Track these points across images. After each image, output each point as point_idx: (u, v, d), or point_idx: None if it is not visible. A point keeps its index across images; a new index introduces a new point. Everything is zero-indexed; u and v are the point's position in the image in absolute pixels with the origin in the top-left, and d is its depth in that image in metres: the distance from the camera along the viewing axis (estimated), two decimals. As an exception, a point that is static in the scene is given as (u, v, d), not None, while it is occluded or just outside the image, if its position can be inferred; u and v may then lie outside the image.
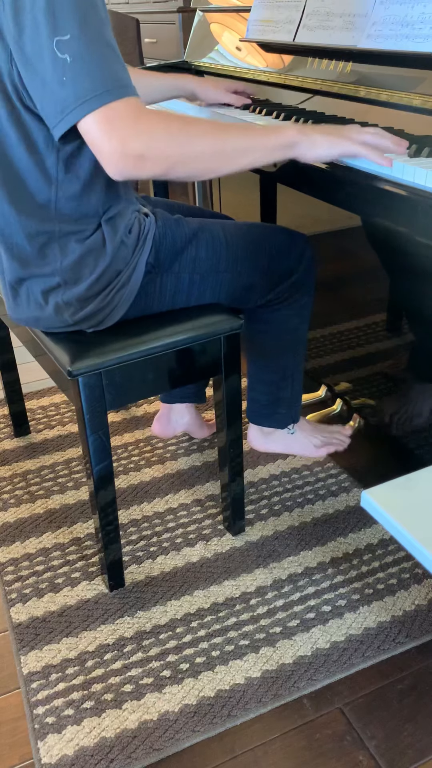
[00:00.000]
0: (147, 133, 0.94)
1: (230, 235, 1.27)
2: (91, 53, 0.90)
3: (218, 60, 1.75)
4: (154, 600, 1.33)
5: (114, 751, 1.07)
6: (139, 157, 0.94)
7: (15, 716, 1.14)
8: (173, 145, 0.96)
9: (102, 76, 0.91)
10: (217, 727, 1.10)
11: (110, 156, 0.94)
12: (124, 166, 0.95)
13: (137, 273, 1.17)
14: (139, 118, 0.93)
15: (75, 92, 0.91)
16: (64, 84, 0.91)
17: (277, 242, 1.31)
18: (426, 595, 1.30)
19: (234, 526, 1.47)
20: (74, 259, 1.12)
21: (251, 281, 1.29)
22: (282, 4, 1.47)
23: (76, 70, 0.90)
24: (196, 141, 0.98)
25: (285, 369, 1.44)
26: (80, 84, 0.90)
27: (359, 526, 1.48)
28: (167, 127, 0.96)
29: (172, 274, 1.23)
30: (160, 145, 0.95)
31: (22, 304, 1.20)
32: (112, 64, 0.92)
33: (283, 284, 1.32)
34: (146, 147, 0.94)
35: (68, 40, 0.89)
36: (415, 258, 1.32)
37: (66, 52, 0.89)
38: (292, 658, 1.20)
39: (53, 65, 0.90)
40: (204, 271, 1.25)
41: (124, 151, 0.93)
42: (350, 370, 1.64)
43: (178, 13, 3.04)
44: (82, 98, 0.91)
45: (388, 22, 1.17)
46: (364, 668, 1.18)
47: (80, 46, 0.90)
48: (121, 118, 0.92)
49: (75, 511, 1.57)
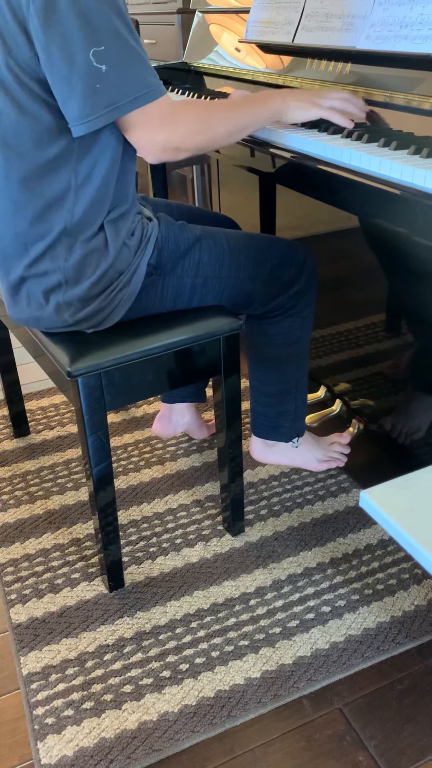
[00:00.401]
0: (182, 128, 1.07)
1: (233, 242, 1.28)
2: (124, 62, 0.99)
3: (217, 61, 1.75)
4: (154, 600, 1.33)
5: (114, 751, 1.07)
6: (176, 150, 1.09)
7: (14, 717, 1.14)
8: (202, 134, 1.11)
9: (133, 83, 1.01)
10: (217, 727, 1.10)
11: (153, 151, 1.08)
12: (162, 156, 1.09)
13: (138, 274, 1.18)
14: (172, 116, 1.06)
15: (107, 99, 1.00)
16: (97, 90, 0.99)
17: (279, 253, 1.31)
18: (425, 595, 1.30)
19: (233, 527, 1.47)
20: (77, 259, 1.13)
21: (253, 289, 1.30)
22: (281, 6, 1.47)
23: (110, 79, 0.99)
24: (217, 126, 1.13)
25: (288, 381, 1.44)
26: (112, 91, 1.00)
27: (359, 526, 1.48)
28: (195, 119, 1.10)
29: (174, 278, 1.23)
30: (192, 136, 1.09)
31: (22, 304, 1.20)
32: (141, 70, 1.01)
33: (285, 294, 1.32)
34: (182, 140, 1.08)
35: (103, 51, 0.97)
36: (413, 259, 1.32)
37: (102, 63, 0.98)
38: (292, 659, 1.20)
39: (88, 73, 0.98)
40: (207, 276, 1.25)
41: (165, 146, 1.08)
42: (350, 370, 1.65)
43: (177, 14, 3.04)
44: (112, 104, 1.00)
45: (386, 24, 1.17)
46: (363, 668, 1.18)
47: (114, 57, 0.98)
48: (157, 118, 1.05)
49: (74, 511, 1.57)
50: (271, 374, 1.43)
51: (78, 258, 1.12)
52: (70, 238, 1.12)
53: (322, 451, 1.58)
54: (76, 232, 1.12)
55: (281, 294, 1.32)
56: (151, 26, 3.30)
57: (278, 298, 1.32)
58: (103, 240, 1.13)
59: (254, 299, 1.31)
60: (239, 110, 1.16)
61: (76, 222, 1.11)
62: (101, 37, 0.97)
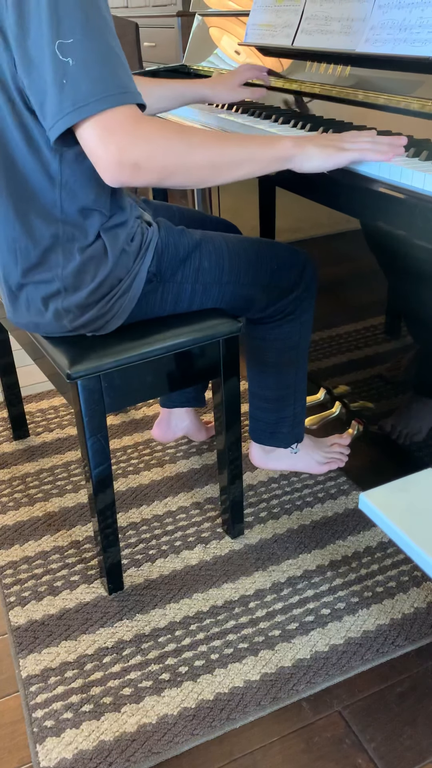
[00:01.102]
0: (145, 142, 0.93)
1: (233, 247, 1.27)
2: (94, 58, 0.90)
3: (217, 64, 1.75)
4: (153, 603, 1.33)
5: (113, 754, 1.07)
6: (135, 166, 0.94)
7: (13, 720, 1.14)
8: (170, 155, 0.96)
9: (103, 81, 0.90)
10: (216, 730, 1.10)
11: (106, 163, 0.94)
12: (120, 174, 0.95)
13: (138, 281, 1.17)
14: (138, 127, 0.93)
15: (74, 96, 0.90)
16: (63, 87, 0.90)
17: (279, 258, 1.31)
18: (425, 598, 1.30)
19: (233, 530, 1.47)
20: (76, 266, 1.11)
21: (253, 294, 1.30)
22: (281, 9, 1.48)
23: (77, 74, 0.89)
24: (193, 151, 0.98)
25: (287, 387, 1.43)
26: (80, 88, 0.90)
27: (358, 529, 1.48)
28: (165, 136, 0.96)
29: (174, 284, 1.23)
30: (157, 155, 0.95)
31: (21, 310, 1.20)
32: (114, 69, 0.91)
33: (285, 299, 1.32)
34: (143, 156, 0.94)
35: (71, 43, 0.88)
36: (413, 261, 1.32)
37: (69, 56, 0.89)
38: (291, 661, 1.20)
39: (54, 67, 0.90)
40: (207, 282, 1.25)
41: (121, 159, 0.93)
42: (349, 373, 1.65)
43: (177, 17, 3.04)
44: (81, 102, 0.90)
45: (386, 27, 1.17)
46: (363, 671, 1.18)
47: (83, 51, 0.89)
48: (119, 125, 0.91)
49: (74, 514, 1.57)
50: (270, 379, 1.43)
51: (76, 265, 1.11)
52: (65, 245, 1.10)
53: (322, 453, 1.58)
54: (71, 238, 1.10)
55: (281, 299, 1.32)
56: (150, 29, 3.31)
57: (278, 303, 1.32)
58: (102, 247, 1.11)
59: (254, 304, 1.31)
60: (232, 142, 1.02)
61: (70, 225, 1.09)
62: (70, 28, 0.88)
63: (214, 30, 1.81)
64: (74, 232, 1.10)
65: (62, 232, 1.09)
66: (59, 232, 1.09)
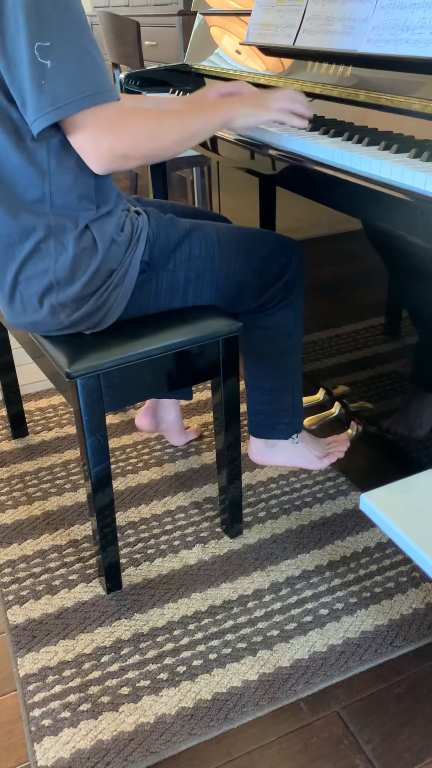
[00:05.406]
0: (129, 134, 1.03)
1: (222, 234, 1.30)
2: (71, 60, 0.96)
3: (218, 63, 1.75)
4: (152, 602, 1.33)
5: (110, 753, 1.07)
6: (124, 156, 1.05)
7: (11, 719, 1.14)
8: (152, 141, 1.08)
9: (78, 82, 0.97)
10: (214, 730, 1.10)
11: (97, 156, 1.04)
12: (110, 164, 1.05)
13: (131, 272, 1.18)
14: (121, 121, 1.02)
15: (53, 96, 0.96)
16: (42, 87, 0.96)
17: (268, 244, 1.33)
18: (424, 598, 1.30)
19: (232, 529, 1.47)
20: (68, 260, 1.13)
21: (245, 280, 1.31)
22: (282, 8, 1.47)
23: (54, 76, 0.96)
24: (167, 134, 1.10)
25: (285, 376, 1.44)
26: (58, 89, 0.96)
27: (357, 529, 1.48)
28: (144, 126, 1.06)
29: (167, 273, 1.24)
30: (141, 144, 1.06)
31: (17, 310, 1.20)
32: (90, 70, 0.98)
33: (276, 285, 1.33)
34: (130, 147, 1.04)
35: (48, 47, 0.95)
36: (412, 260, 1.32)
37: (47, 58, 0.95)
38: (290, 662, 1.20)
39: (32, 68, 0.95)
40: (199, 269, 1.26)
41: (112, 153, 1.03)
42: (349, 373, 1.65)
43: (178, 16, 3.04)
44: (60, 102, 0.97)
45: (388, 27, 1.17)
46: (361, 672, 1.18)
47: (60, 53, 0.95)
48: (105, 122, 1.01)
49: (72, 513, 1.57)
50: (269, 370, 1.43)
51: (68, 258, 1.13)
52: (56, 236, 1.12)
53: (321, 448, 1.58)
54: (62, 230, 1.12)
55: (272, 285, 1.33)
56: (151, 28, 3.31)
57: (270, 289, 1.33)
58: (91, 239, 1.13)
59: (247, 291, 1.32)
60: (190, 118, 1.14)
61: (61, 216, 1.11)
62: (47, 32, 0.94)
63: (216, 29, 1.81)
64: (65, 223, 1.12)
65: (54, 224, 1.11)
66: (50, 223, 1.11)
